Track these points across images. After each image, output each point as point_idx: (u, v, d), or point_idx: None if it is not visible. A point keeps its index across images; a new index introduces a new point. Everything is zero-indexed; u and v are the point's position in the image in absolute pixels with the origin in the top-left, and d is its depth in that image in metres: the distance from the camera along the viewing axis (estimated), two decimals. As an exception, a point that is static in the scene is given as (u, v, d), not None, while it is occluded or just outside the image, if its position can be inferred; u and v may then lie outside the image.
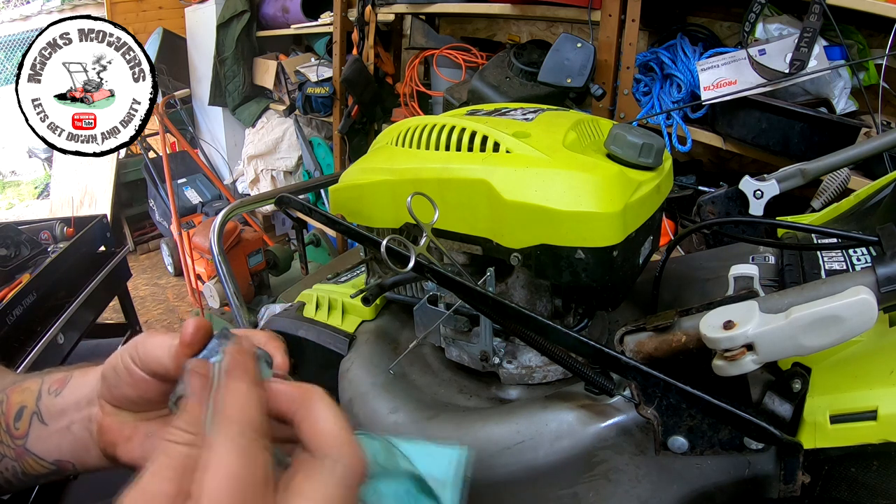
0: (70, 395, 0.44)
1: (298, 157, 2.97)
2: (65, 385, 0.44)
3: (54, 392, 0.44)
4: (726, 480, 0.51)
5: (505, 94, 1.56)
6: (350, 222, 0.75)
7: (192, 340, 0.36)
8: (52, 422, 0.44)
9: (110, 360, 0.41)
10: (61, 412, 0.43)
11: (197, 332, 0.36)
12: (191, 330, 0.36)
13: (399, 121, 0.78)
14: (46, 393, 0.45)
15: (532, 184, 0.58)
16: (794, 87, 1.28)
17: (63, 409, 0.43)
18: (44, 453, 0.44)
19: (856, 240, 0.55)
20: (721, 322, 0.45)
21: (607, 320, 0.79)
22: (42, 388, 0.45)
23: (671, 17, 1.64)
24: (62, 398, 0.44)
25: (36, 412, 0.44)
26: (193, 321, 0.36)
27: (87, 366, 0.45)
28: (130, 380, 0.40)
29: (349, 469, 0.30)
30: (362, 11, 2.16)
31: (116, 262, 2.02)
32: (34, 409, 0.44)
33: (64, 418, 0.43)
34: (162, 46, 3.36)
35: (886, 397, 0.42)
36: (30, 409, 0.44)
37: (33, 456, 0.44)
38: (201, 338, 0.36)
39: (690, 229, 0.71)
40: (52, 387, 0.45)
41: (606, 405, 0.56)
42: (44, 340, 1.54)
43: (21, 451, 0.44)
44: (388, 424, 0.67)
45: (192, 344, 0.36)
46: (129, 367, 0.39)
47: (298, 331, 0.89)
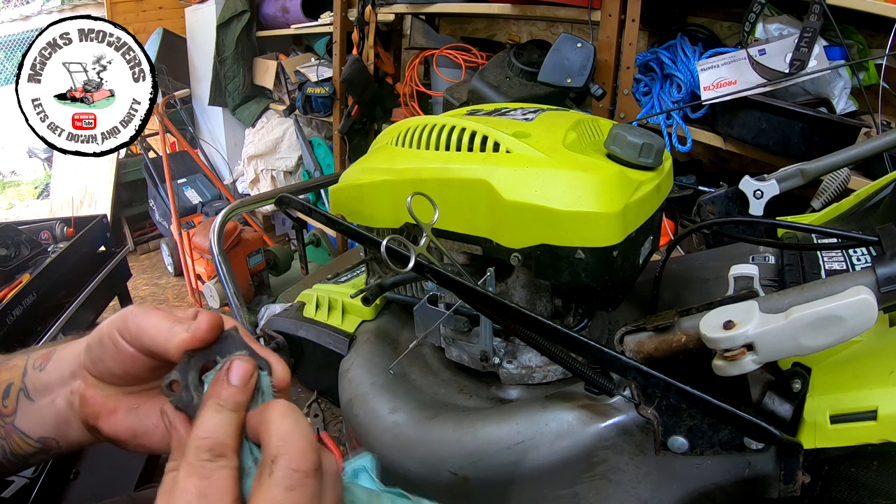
0: (55, 370, 0.43)
1: (298, 157, 2.97)
2: (49, 359, 0.44)
3: (39, 367, 0.44)
4: (726, 480, 0.51)
5: (505, 94, 1.56)
6: (350, 222, 0.75)
7: (206, 338, 0.37)
8: (38, 397, 0.43)
9: (96, 332, 0.40)
10: (46, 387, 0.43)
11: (211, 330, 0.37)
12: (205, 327, 0.36)
13: (399, 121, 0.78)
14: (32, 368, 0.44)
15: (532, 184, 0.58)
16: (794, 87, 1.28)
17: (47, 383, 0.43)
18: (30, 430, 0.44)
19: (856, 240, 0.55)
20: (721, 322, 0.45)
21: (607, 320, 0.79)
22: (28, 364, 0.44)
23: (671, 17, 1.64)
24: (46, 373, 0.43)
25: (23, 388, 0.44)
26: (208, 318, 0.37)
27: (71, 338, 0.44)
28: (117, 354, 0.39)
29: (292, 460, 0.30)
30: (362, 11, 2.16)
31: (116, 262, 2.02)
32: (21, 386, 0.44)
33: (49, 394, 0.43)
34: (162, 46, 3.36)
35: (886, 397, 0.42)
36: (16, 385, 0.44)
37: (20, 433, 0.44)
38: (213, 337, 0.37)
39: (690, 229, 0.71)
40: (36, 362, 0.44)
41: (606, 405, 0.56)
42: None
43: (10, 430, 0.44)
44: (388, 424, 0.67)
45: (204, 340, 0.36)
46: (117, 342, 0.39)
47: (298, 331, 0.89)
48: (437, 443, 0.62)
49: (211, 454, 0.32)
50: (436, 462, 0.62)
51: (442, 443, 0.62)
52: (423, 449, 0.63)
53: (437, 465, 0.61)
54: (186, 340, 0.36)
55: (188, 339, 0.36)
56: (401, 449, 0.65)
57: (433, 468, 0.62)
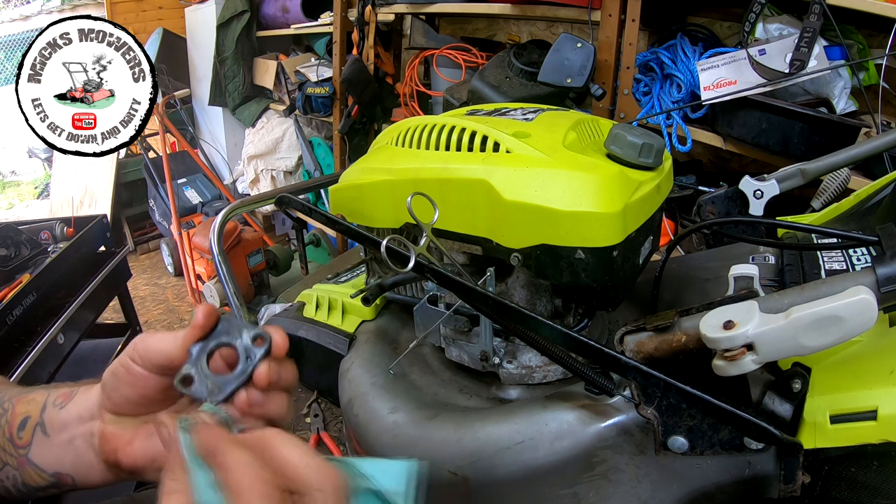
0: (73, 409, 0.44)
1: (298, 157, 2.97)
2: (70, 399, 0.45)
3: (59, 405, 0.45)
4: (726, 480, 0.51)
5: (505, 94, 1.56)
6: (350, 222, 0.75)
7: (206, 324, 0.40)
8: (55, 434, 0.44)
9: (109, 369, 0.42)
10: (64, 425, 0.44)
11: (208, 316, 0.40)
12: (202, 315, 0.40)
13: (399, 121, 0.78)
14: (51, 405, 0.45)
15: (532, 184, 0.58)
16: (794, 87, 1.28)
17: (66, 421, 0.44)
18: (45, 465, 0.45)
19: (856, 240, 0.55)
20: (721, 322, 0.45)
21: (607, 320, 0.79)
22: (48, 401, 0.46)
23: (671, 17, 1.64)
24: (66, 411, 0.45)
25: (40, 423, 0.45)
26: (202, 308, 0.41)
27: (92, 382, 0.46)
28: (130, 378, 0.41)
29: (335, 491, 0.32)
30: (362, 11, 2.16)
31: (116, 262, 2.01)
32: (38, 420, 0.45)
33: (66, 432, 0.44)
34: (162, 46, 3.36)
35: (886, 397, 0.42)
36: (34, 419, 0.45)
37: (34, 466, 0.45)
38: (212, 322, 0.40)
39: (690, 229, 0.71)
40: (57, 400, 0.46)
41: (606, 405, 0.56)
42: (44, 340, 1.53)
43: (23, 461, 0.45)
44: (388, 424, 0.67)
45: (204, 327, 0.40)
46: (129, 367, 0.41)
47: (298, 331, 0.89)
48: (437, 443, 0.62)
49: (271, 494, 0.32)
50: (436, 462, 0.62)
51: (442, 443, 0.62)
52: (423, 449, 0.63)
53: (437, 466, 0.61)
54: (189, 333, 0.40)
55: (190, 331, 0.40)
56: (401, 449, 0.65)
57: (433, 468, 0.62)
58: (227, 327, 0.41)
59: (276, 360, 0.40)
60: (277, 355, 0.40)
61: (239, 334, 0.40)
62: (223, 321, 0.41)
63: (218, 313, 0.41)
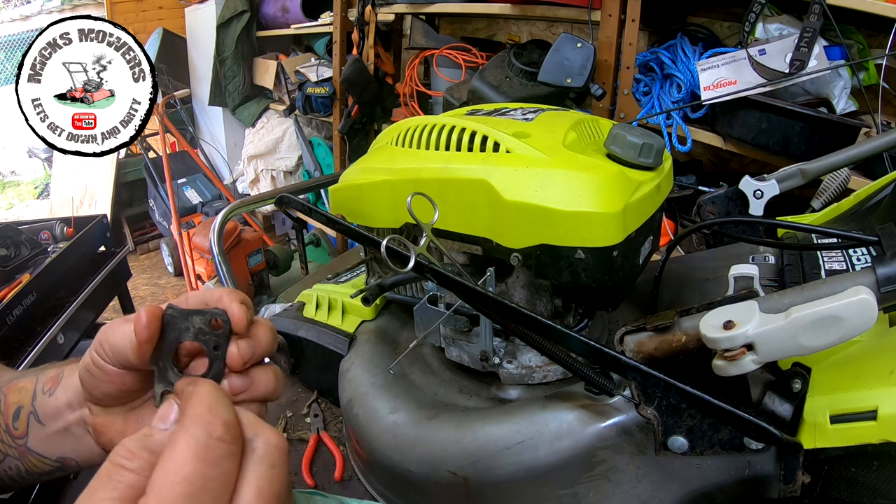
0: (62, 395, 0.44)
1: (298, 157, 2.97)
2: (58, 384, 0.44)
3: (48, 392, 0.44)
4: (726, 480, 0.51)
5: (505, 94, 1.56)
6: (350, 222, 0.75)
7: (149, 335, 0.35)
8: (49, 422, 0.44)
9: (82, 363, 0.40)
10: (56, 412, 0.44)
11: (150, 323, 0.35)
12: (144, 323, 0.35)
13: (399, 121, 0.78)
14: (41, 392, 0.45)
15: (532, 184, 0.58)
16: (794, 87, 1.28)
17: (57, 409, 0.44)
18: (46, 452, 0.44)
19: (856, 240, 0.55)
20: (721, 322, 0.45)
21: (607, 320, 0.79)
22: (36, 388, 0.45)
23: (671, 17, 1.64)
24: (55, 398, 0.44)
25: (33, 412, 0.44)
26: (143, 313, 0.35)
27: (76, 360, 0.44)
28: (105, 377, 0.39)
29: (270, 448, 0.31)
30: (362, 11, 2.16)
31: (116, 262, 2.02)
32: (31, 409, 0.44)
33: (60, 419, 0.44)
34: (162, 46, 3.36)
35: (886, 397, 0.42)
36: (26, 408, 0.45)
37: (36, 454, 0.45)
38: (155, 328, 0.35)
39: (690, 229, 0.71)
40: (45, 385, 0.45)
41: (606, 405, 0.56)
42: (44, 340, 1.54)
43: (23, 451, 0.45)
44: (388, 424, 0.67)
45: (151, 338, 0.35)
46: (101, 365, 0.38)
47: (298, 331, 0.89)
48: (437, 443, 0.62)
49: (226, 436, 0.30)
50: (436, 462, 0.62)
51: (442, 443, 0.62)
52: (423, 449, 0.63)
53: (437, 466, 0.61)
54: (137, 350, 0.35)
55: (138, 348, 0.35)
56: (401, 449, 0.65)
57: (433, 468, 0.62)
58: (177, 321, 0.36)
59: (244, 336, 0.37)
60: (240, 330, 0.37)
61: (192, 324, 0.37)
62: (169, 316, 0.36)
63: (160, 312, 0.36)
